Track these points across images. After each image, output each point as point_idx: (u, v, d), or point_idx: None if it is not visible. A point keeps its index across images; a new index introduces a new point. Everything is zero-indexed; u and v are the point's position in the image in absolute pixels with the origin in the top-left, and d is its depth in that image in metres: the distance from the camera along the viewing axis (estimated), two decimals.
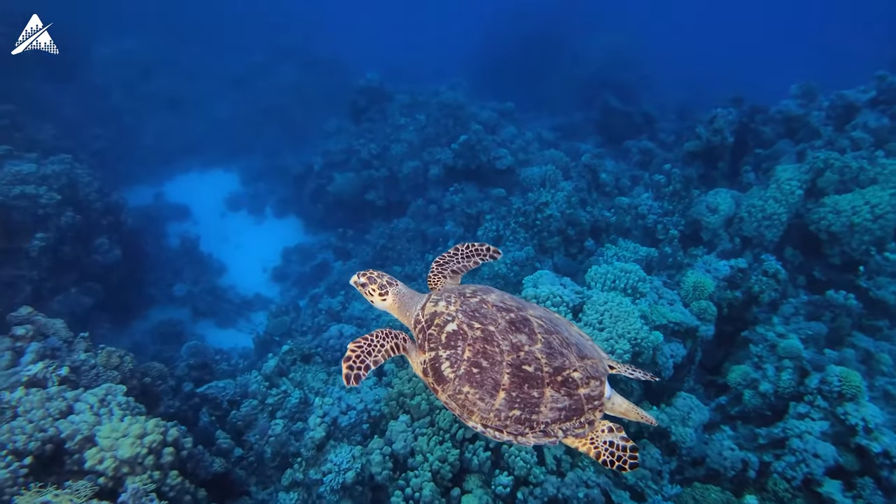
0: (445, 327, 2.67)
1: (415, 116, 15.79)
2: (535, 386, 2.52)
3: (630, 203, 11.15)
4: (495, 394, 2.51)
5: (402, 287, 3.02)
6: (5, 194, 10.62)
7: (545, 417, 2.51)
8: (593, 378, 2.62)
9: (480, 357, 2.56)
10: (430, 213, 13.66)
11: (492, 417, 2.52)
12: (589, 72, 21.06)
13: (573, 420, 2.55)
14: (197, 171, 19.31)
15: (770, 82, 19.59)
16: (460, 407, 2.58)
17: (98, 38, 21.14)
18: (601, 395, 2.63)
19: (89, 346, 6.64)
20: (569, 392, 2.54)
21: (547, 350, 2.59)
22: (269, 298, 14.21)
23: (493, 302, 2.77)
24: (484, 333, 2.60)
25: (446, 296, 2.84)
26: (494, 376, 2.52)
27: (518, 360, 2.54)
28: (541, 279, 8.45)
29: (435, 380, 2.66)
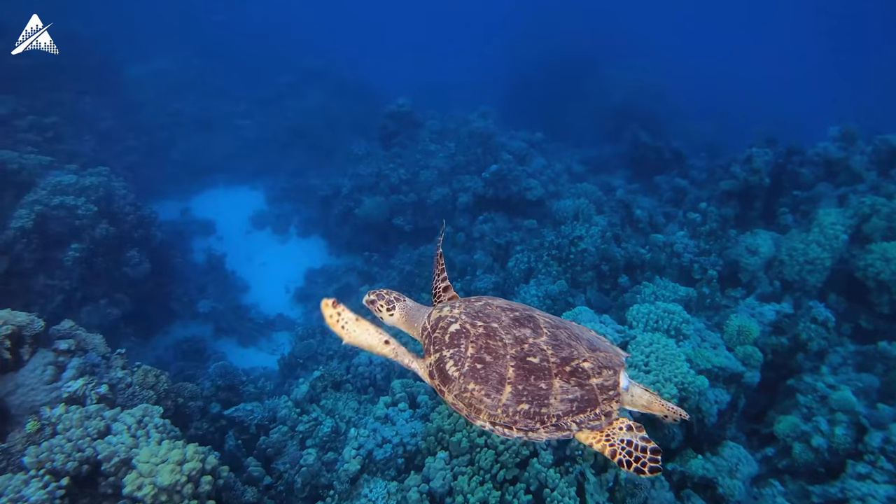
0: (449, 328, 2.61)
1: (444, 143, 15.87)
2: (542, 377, 2.41)
3: (665, 241, 10.99)
4: (501, 388, 2.40)
5: (410, 302, 2.99)
6: (46, 204, 10.72)
7: (556, 410, 2.39)
8: (606, 368, 2.50)
9: (484, 352, 2.47)
10: (459, 241, 13.57)
11: (500, 414, 2.40)
12: (615, 102, 21.16)
13: (587, 412, 2.41)
14: (223, 188, 19.47)
15: (797, 121, 19.65)
16: (467, 406, 2.47)
17: (134, 57, 21.74)
18: (616, 384, 2.49)
19: (126, 364, 6.54)
20: (579, 382, 2.42)
21: (553, 342, 2.50)
22: (291, 319, 14.10)
23: (498, 304, 2.73)
24: (487, 330, 2.53)
25: (451, 303, 2.83)
26: (499, 370, 2.42)
27: (522, 352, 2.45)
28: (580, 316, 8.29)
29: (441, 381, 2.57)
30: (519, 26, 29.34)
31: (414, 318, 2.91)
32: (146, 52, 22.07)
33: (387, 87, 23.47)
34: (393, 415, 7.03)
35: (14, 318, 5.47)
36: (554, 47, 25.14)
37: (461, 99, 21.58)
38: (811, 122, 18.90)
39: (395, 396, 7.59)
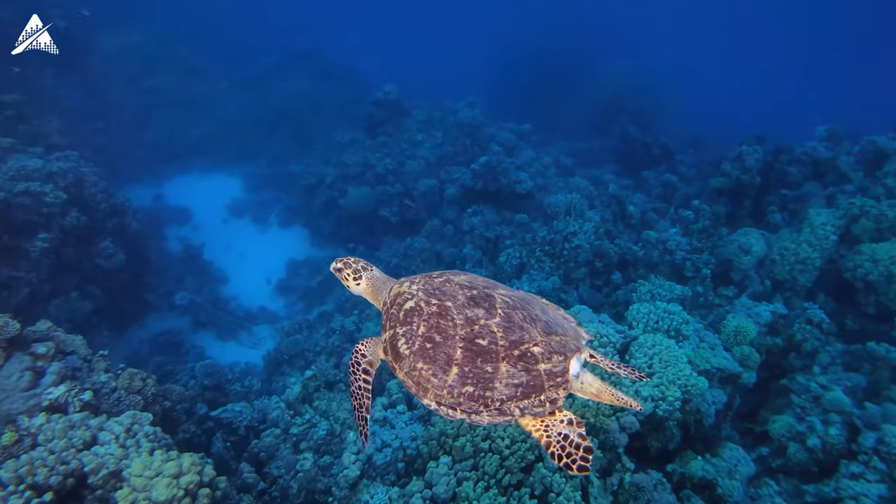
0: (404, 305, 2.61)
1: (431, 133, 15.53)
2: (488, 360, 2.37)
3: (658, 238, 10.98)
4: (448, 369, 2.39)
5: (377, 272, 3.03)
6: (8, 190, 10.02)
7: (500, 394, 2.34)
8: (556, 353, 2.43)
9: (434, 332, 2.46)
10: (447, 234, 13.33)
11: (445, 394, 2.38)
12: (604, 96, 21.10)
13: (531, 398, 2.35)
14: (198, 173, 18.71)
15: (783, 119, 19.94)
16: (416, 384, 2.47)
17: (104, 29, 20.52)
18: (564, 371, 2.42)
19: (109, 367, 6.13)
20: (526, 367, 2.36)
21: (505, 324, 2.45)
22: (273, 312, 13.68)
23: (458, 281, 2.67)
24: (440, 309, 2.51)
25: (413, 277, 2.81)
26: (447, 351, 2.41)
27: (472, 333, 2.42)
28: (579, 314, 8.18)
29: (393, 357, 2.59)
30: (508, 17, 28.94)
31: (379, 289, 2.94)
32: (117, 23, 20.83)
33: (372, 73, 22.91)
34: (391, 417, 6.82)
35: None
36: (543, 40, 24.87)
37: (447, 88, 21.17)
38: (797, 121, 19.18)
39: (391, 398, 7.38)
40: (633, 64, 24.53)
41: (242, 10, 25.98)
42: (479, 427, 5.05)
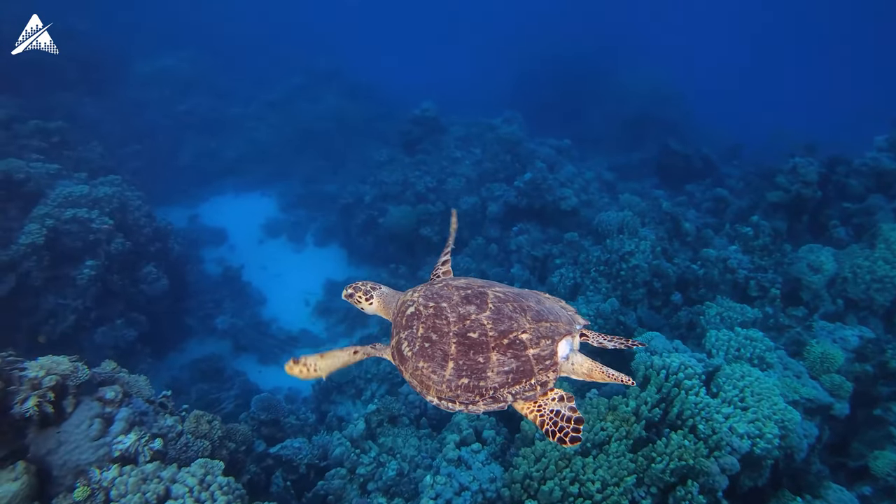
0: (406, 311, 2.75)
1: (470, 150, 15.24)
2: (480, 351, 2.47)
3: (717, 256, 10.48)
4: (445, 365, 2.49)
5: (385, 289, 3.15)
6: (57, 218, 9.91)
7: (493, 382, 2.44)
8: (544, 338, 2.51)
9: (431, 332, 2.58)
10: (491, 253, 12.96)
11: (444, 389, 2.48)
12: (632, 106, 20.66)
13: (522, 382, 2.45)
14: (232, 193, 18.64)
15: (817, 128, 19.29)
16: (420, 383, 2.58)
17: (137, 55, 20.76)
18: (553, 354, 2.50)
19: (173, 408, 5.84)
20: (515, 354, 2.46)
21: (494, 316, 2.55)
22: (315, 334, 13.39)
23: (456, 284, 2.78)
24: (435, 310, 2.64)
25: (417, 287, 2.92)
26: (443, 347, 2.52)
27: (463, 328, 2.53)
28: (653, 341, 7.74)
29: (399, 361, 2.70)
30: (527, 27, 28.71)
31: (389, 304, 3.05)
32: (151, 49, 21.04)
33: (399, 90, 22.76)
34: (467, 457, 6.42)
35: (57, 367, 4.76)
36: (564, 49, 24.56)
37: (470, 103, 20.94)
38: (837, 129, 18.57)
39: (462, 433, 6.99)
40: (658, 71, 24.09)
41: (269, 33, 26.13)
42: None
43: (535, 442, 6.14)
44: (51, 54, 15.28)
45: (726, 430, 5.91)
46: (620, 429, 6.10)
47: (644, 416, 6.13)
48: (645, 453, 5.81)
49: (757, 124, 21.14)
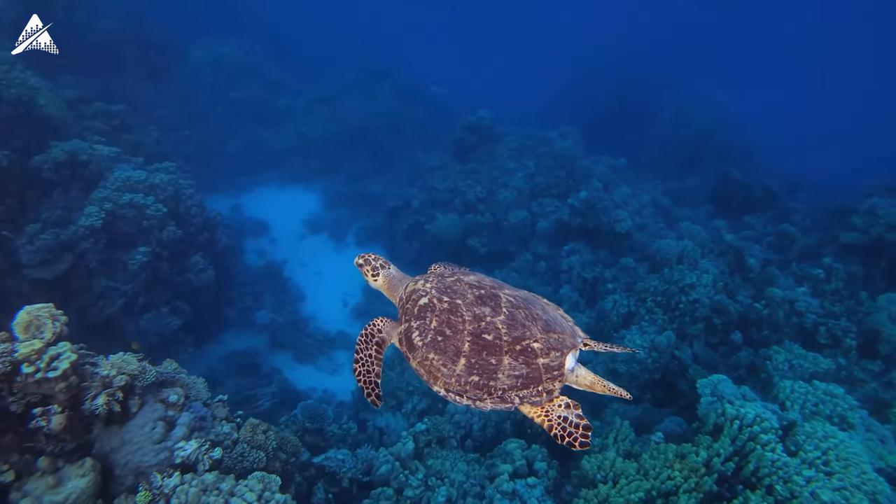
0: (419, 301, 2.83)
1: (523, 162, 14.93)
2: (493, 353, 2.59)
3: (784, 296, 9.96)
4: (457, 360, 2.61)
5: (394, 270, 3.27)
6: (115, 202, 9.94)
7: (503, 384, 2.57)
8: (554, 349, 2.64)
9: (445, 326, 2.68)
10: (539, 271, 12.63)
11: (453, 382, 2.60)
12: (689, 130, 20.07)
13: (530, 388, 2.58)
14: (276, 185, 18.67)
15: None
16: (427, 373, 2.69)
17: (193, 41, 20.98)
18: (561, 365, 2.63)
19: (229, 414, 5.69)
20: (527, 361, 2.59)
21: (509, 321, 2.66)
22: (351, 337, 13.23)
23: (468, 281, 2.87)
24: (451, 306, 2.73)
25: (428, 276, 3.02)
26: (456, 344, 2.63)
27: (479, 329, 2.63)
28: (720, 385, 7.32)
29: (407, 348, 2.82)
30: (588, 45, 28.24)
31: (395, 286, 3.18)
32: (207, 35, 21.26)
33: (451, 94, 22.59)
34: (522, 491, 6.13)
35: (127, 366, 4.63)
36: (625, 68, 24.03)
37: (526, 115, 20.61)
38: None
39: (515, 464, 6.69)
40: (716, 96, 23.44)
41: (323, 27, 26.20)
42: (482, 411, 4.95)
43: (597, 485, 5.82)
44: (117, 34, 15.52)
45: (808, 496, 5.48)
46: (689, 480, 5.72)
47: (716, 468, 5.74)
48: None
49: (816, 159, 20.37)
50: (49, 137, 10.56)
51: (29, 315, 4.32)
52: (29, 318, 4.32)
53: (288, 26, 24.78)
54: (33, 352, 4.15)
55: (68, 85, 13.00)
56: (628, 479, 5.72)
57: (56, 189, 10.26)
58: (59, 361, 4.23)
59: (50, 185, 10.19)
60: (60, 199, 10.27)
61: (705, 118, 20.65)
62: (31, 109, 10.48)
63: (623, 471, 5.84)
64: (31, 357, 4.14)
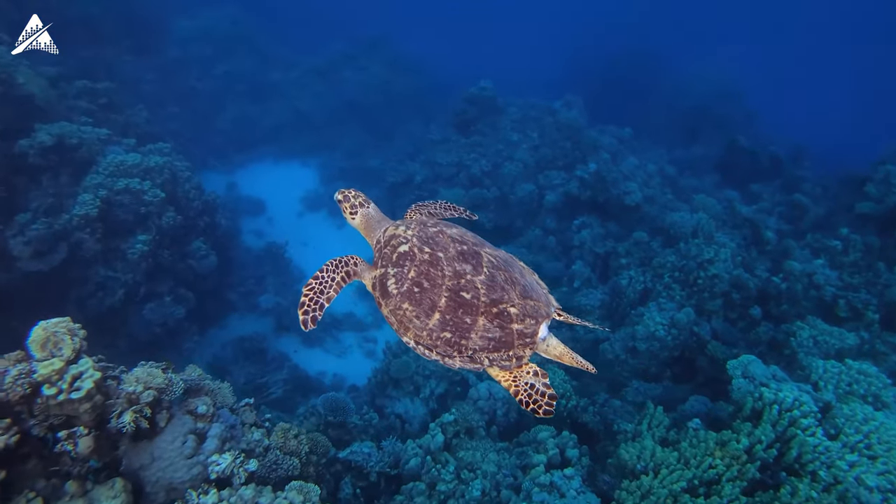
0: (398, 248, 2.75)
1: (527, 133, 14.48)
2: (469, 313, 2.56)
3: (802, 270, 9.83)
4: (431, 314, 2.57)
5: (374, 210, 3.17)
6: (110, 188, 9.44)
7: (474, 344, 2.55)
8: (529, 317, 2.63)
9: (423, 278, 2.62)
10: (548, 246, 12.38)
11: (424, 336, 2.58)
12: (691, 98, 19.64)
13: (501, 352, 2.58)
14: (271, 161, 18.07)
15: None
16: (398, 322, 2.65)
17: (178, 10, 19.88)
18: (534, 333, 2.63)
19: (257, 419, 5.43)
20: (501, 324, 2.57)
21: (488, 282, 2.61)
22: (359, 318, 13.01)
23: (450, 234, 2.79)
24: (431, 258, 2.66)
25: (409, 222, 2.92)
26: (433, 297, 2.58)
27: (457, 286, 2.59)
28: (750, 366, 7.21)
29: (381, 294, 2.75)
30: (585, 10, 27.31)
31: (373, 227, 3.09)
32: (192, 3, 20.12)
33: (449, 64, 21.78)
34: (560, 482, 6.00)
35: (153, 381, 4.31)
36: (622, 36, 23.31)
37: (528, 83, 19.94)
38: None
39: (549, 453, 6.57)
40: (719, 65, 22.89)
41: None
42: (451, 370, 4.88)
43: (639, 476, 5.70)
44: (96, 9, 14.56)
45: (852, 481, 5.42)
46: (732, 468, 5.63)
47: (759, 456, 5.64)
48: (764, 500, 5.35)
49: (817, 125, 20.12)
50: (32, 119, 9.90)
51: (45, 331, 3.97)
52: (45, 334, 3.97)
53: None
54: (54, 372, 3.82)
55: (46, 60, 12.18)
56: (670, 469, 5.61)
57: (44, 175, 9.69)
58: (82, 381, 3.91)
59: (38, 171, 9.61)
60: (50, 186, 9.71)
61: (707, 86, 20.20)
62: (9, 89, 9.78)
63: (664, 460, 5.73)
64: (51, 378, 3.82)
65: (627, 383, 9.64)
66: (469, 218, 3.56)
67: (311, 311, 2.75)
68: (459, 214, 3.56)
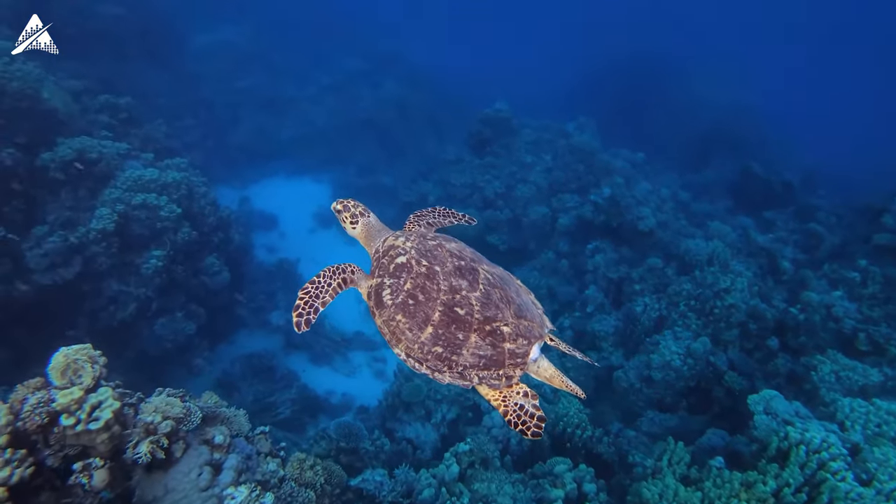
0: (396, 259, 2.75)
1: (540, 156, 14.47)
2: (462, 329, 2.55)
3: (820, 301, 9.70)
4: (424, 327, 2.57)
5: (374, 220, 3.22)
6: (127, 203, 9.45)
7: (465, 361, 2.54)
8: (522, 337, 2.62)
9: (418, 291, 2.61)
10: (561, 269, 12.29)
11: (416, 349, 2.57)
12: (703, 120, 19.60)
13: (491, 370, 2.56)
14: (284, 176, 18.15)
15: None
16: (391, 333, 2.65)
17: (196, 26, 20.15)
18: (526, 354, 2.61)
19: (272, 448, 5.33)
20: (493, 343, 2.56)
21: (483, 299, 2.61)
22: (368, 337, 12.91)
23: (449, 249, 2.79)
24: (428, 271, 2.66)
25: (408, 234, 2.93)
26: (427, 311, 2.58)
27: (452, 301, 2.58)
28: (772, 402, 7.06)
29: (375, 304, 2.74)
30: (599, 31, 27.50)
31: (372, 237, 3.12)
32: (210, 20, 20.41)
33: (462, 83, 21.91)
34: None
35: (171, 410, 4.24)
36: (637, 56, 23.38)
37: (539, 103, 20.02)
38: None
39: (566, 489, 6.42)
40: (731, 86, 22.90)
41: (328, 12, 25.26)
42: None
43: None
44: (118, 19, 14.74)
45: None
46: None
47: (787, 501, 5.48)
48: None
49: (831, 150, 20.06)
50: (54, 133, 9.99)
51: (66, 358, 3.91)
52: (66, 361, 3.91)
53: (289, 11, 23.84)
54: (73, 401, 3.75)
55: (70, 73, 12.33)
56: None
57: (63, 189, 9.74)
58: (101, 411, 3.84)
59: (57, 185, 9.66)
60: (68, 200, 9.75)
61: (721, 108, 20.17)
62: (35, 103, 9.88)
63: (687, 501, 5.58)
64: (70, 407, 3.75)
65: (642, 413, 9.49)
66: (468, 223, 3.63)
67: (306, 313, 2.79)
68: (458, 220, 3.60)
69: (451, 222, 3.56)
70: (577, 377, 10.21)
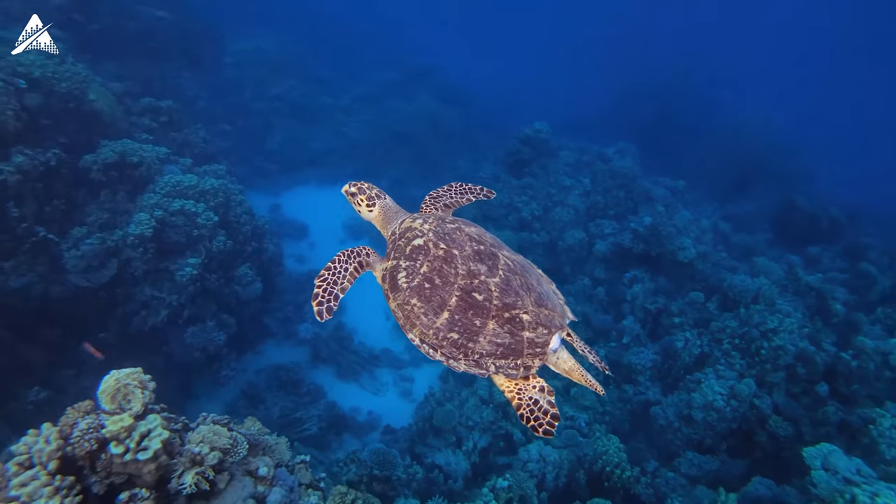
0: (413, 241, 2.67)
1: (579, 178, 14.21)
2: (479, 315, 2.45)
3: (875, 348, 9.23)
4: (440, 312, 2.48)
5: (390, 202, 3.12)
6: (165, 209, 9.40)
7: (482, 348, 2.45)
8: (542, 326, 2.50)
9: (435, 274, 2.53)
10: (597, 297, 11.97)
11: (430, 334, 2.49)
12: (746, 151, 19.11)
13: (509, 359, 2.46)
14: (315, 185, 18.08)
15: None
16: (405, 317, 2.56)
17: (234, 32, 20.37)
18: (545, 344, 2.50)
19: (312, 480, 5.12)
20: (512, 331, 2.45)
21: (503, 286, 2.51)
22: (396, 355, 12.69)
23: (468, 232, 2.70)
24: (446, 254, 2.57)
25: (427, 216, 2.84)
26: (443, 295, 2.49)
27: (470, 286, 2.49)
28: (830, 456, 6.67)
29: (390, 286, 2.67)
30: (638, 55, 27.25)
31: (390, 219, 3.04)
32: (248, 27, 20.63)
33: (497, 100, 21.78)
34: None
35: (218, 441, 4.06)
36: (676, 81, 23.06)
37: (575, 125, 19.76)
38: None
39: None
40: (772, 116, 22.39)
41: (364, 24, 25.44)
42: None
43: None
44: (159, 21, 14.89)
45: None
46: None
47: None
48: None
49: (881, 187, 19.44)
50: (97, 134, 10.04)
51: (117, 382, 3.77)
52: (116, 385, 3.77)
53: (326, 22, 24.05)
54: (122, 429, 3.60)
55: (111, 75, 12.44)
56: None
57: (103, 191, 9.74)
58: (150, 440, 3.67)
59: (97, 187, 9.67)
60: (107, 202, 9.75)
61: (763, 139, 19.66)
62: (81, 104, 9.95)
63: None
64: (120, 435, 3.59)
65: (679, 452, 9.12)
66: (487, 197, 3.41)
67: (326, 301, 2.69)
68: (477, 196, 3.38)
69: (469, 199, 3.34)
70: None
